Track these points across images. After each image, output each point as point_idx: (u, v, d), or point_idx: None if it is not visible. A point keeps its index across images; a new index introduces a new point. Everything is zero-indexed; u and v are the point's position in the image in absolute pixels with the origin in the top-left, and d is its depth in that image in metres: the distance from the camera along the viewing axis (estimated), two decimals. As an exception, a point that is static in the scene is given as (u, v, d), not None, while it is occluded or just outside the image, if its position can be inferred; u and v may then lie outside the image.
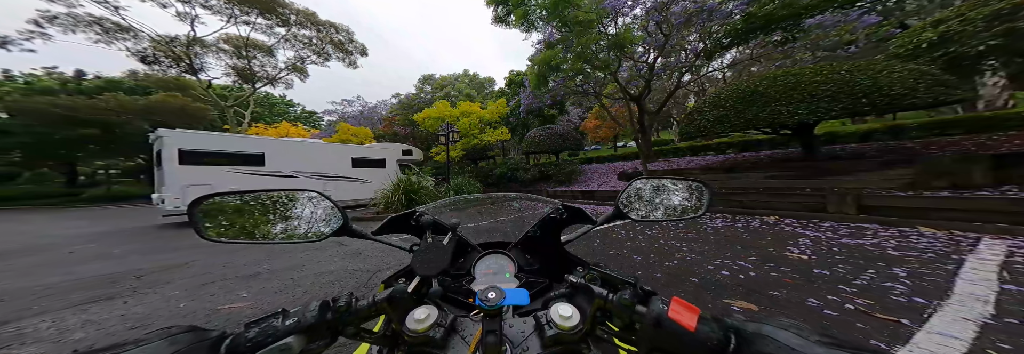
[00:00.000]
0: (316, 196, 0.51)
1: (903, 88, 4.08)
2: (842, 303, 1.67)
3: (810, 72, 4.86)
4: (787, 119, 4.79)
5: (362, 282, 2.42)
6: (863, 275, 2.07)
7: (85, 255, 3.85)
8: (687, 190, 0.64)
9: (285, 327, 0.30)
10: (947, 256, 2.34)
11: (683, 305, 0.29)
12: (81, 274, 2.96)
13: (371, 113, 23.04)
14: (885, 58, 6.01)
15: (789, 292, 1.87)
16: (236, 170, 7.19)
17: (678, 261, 2.60)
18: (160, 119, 16.39)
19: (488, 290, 0.32)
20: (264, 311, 1.96)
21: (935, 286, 1.83)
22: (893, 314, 1.52)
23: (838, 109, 4.42)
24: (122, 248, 4.26)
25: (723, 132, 5.82)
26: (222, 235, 0.47)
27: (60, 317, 1.95)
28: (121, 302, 2.18)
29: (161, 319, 1.89)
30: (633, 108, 9.97)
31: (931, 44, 5.29)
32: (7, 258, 3.83)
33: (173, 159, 6.34)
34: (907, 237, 2.93)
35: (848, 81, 4.41)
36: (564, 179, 10.70)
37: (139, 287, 2.49)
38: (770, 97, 4.99)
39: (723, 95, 5.82)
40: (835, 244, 2.84)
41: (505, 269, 0.59)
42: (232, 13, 17.11)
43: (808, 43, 7.95)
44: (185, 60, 17.69)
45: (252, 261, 3.13)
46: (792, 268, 2.28)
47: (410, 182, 6.72)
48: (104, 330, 1.75)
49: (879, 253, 2.51)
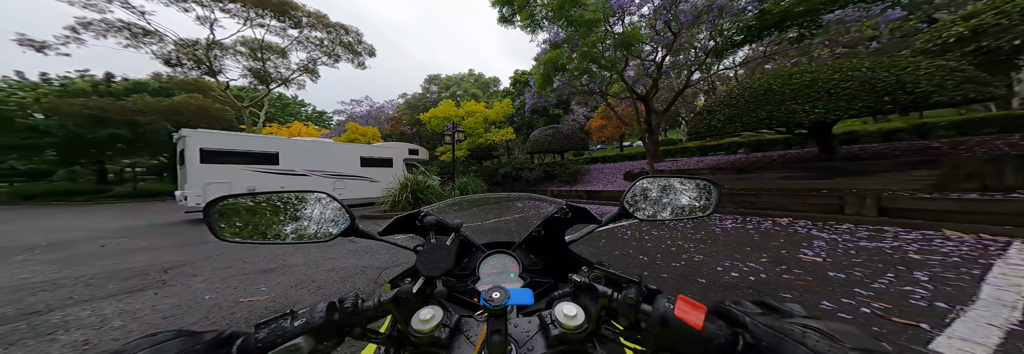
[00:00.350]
0: (325, 197, 0.52)
1: (929, 85, 3.90)
2: (857, 306, 1.63)
3: (828, 69, 4.70)
4: (803, 118, 4.64)
5: (372, 278, 2.49)
6: (881, 279, 2.01)
7: (116, 249, 4.08)
8: (695, 189, 0.63)
9: (294, 328, 0.30)
10: (974, 260, 2.24)
11: (690, 303, 0.28)
12: (114, 266, 3.15)
13: (378, 113, 23.44)
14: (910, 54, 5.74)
15: (801, 294, 1.83)
16: (252, 169, 7.46)
17: (685, 262, 2.57)
18: (182, 119, 17.12)
19: (492, 290, 0.32)
20: (279, 306, 2.05)
21: (959, 291, 1.76)
22: (912, 318, 1.48)
23: (858, 107, 4.26)
24: (149, 242, 4.49)
25: (734, 131, 5.69)
26: (236, 235, 0.48)
27: (99, 306, 2.09)
28: (152, 293, 2.31)
29: (190, 309, 2.00)
30: (640, 107, 9.83)
31: (961, 39, 5.04)
32: (49, 251, 4.10)
33: (195, 158, 6.62)
34: (930, 240, 2.81)
35: (870, 78, 4.24)
36: (569, 179, 10.66)
37: (167, 280, 2.64)
38: (785, 95, 4.85)
39: (735, 93, 5.68)
40: (852, 247, 2.75)
41: (509, 269, 0.59)
42: (248, 16, 17.71)
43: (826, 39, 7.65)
44: (205, 62, 18.40)
45: (268, 257, 3.26)
46: (805, 271, 2.23)
47: (417, 181, 6.82)
48: (139, 319, 1.87)
49: (900, 256, 2.42)
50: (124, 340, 1.57)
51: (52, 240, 4.90)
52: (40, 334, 1.71)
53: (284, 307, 1.98)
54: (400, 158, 10.77)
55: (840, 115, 4.39)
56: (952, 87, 3.85)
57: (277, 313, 0.32)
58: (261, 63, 19.62)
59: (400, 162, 10.69)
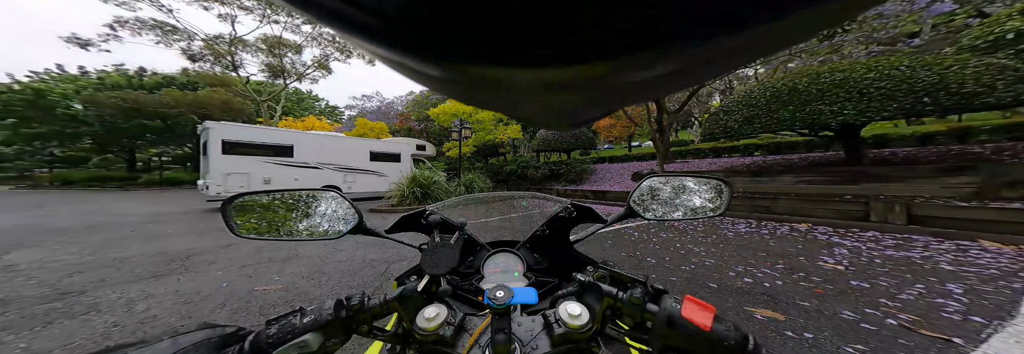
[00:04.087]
0: (335, 195, 0.54)
1: (977, 85, 3.61)
2: (883, 318, 1.55)
3: (862, 68, 4.41)
4: (830, 120, 4.39)
5: (379, 272, 2.54)
6: (910, 289, 1.89)
7: (144, 234, 4.32)
8: (705, 188, 0.60)
9: (303, 325, 0.31)
10: (1014, 273, 2.08)
11: (697, 304, 0.28)
12: (141, 251, 3.34)
13: (388, 108, 23.77)
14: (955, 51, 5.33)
15: (821, 303, 1.75)
16: (269, 160, 7.71)
17: (696, 265, 2.50)
18: (206, 112, 17.88)
19: (496, 289, 0.32)
20: (291, 297, 2.12)
21: (996, 305, 1.64)
22: (944, 332, 1.38)
23: (893, 109, 3.99)
24: (174, 228, 4.74)
25: (752, 133, 5.45)
26: (251, 232, 0.50)
27: (126, 290, 2.21)
28: (175, 279, 2.44)
29: (209, 296, 2.10)
30: (651, 107, 9.58)
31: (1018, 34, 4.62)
32: (86, 234, 4.38)
33: (217, 149, 6.89)
34: (965, 251, 2.63)
35: (908, 78, 3.96)
36: (575, 178, 10.56)
37: (189, 266, 2.77)
38: (811, 95, 4.59)
39: (755, 93, 5.43)
40: (877, 255, 2.60)
41: (514, 268, 0.59)
42: (264, 13, 18.21)
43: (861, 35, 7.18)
44: (227, 57, 19.08)
45: (283, 247, 3.38)
46: (825, 278, 2.13)
47: (424, 176, 6.91)
48: (162, 304, 1.97)
49: (930, 267, 2.28)
50: (149, 325, 1.67)
51: (87, 223, 5.24)
52: (75, 314, 1.83)
53: (296, 297, 2.05)
54: (408, 153, 10.93)
55: (871, 117, 4.13)
56: (1003, 87, 3.55)
57: (288, 308, 0.34)
58: (278, 59, 20.19)
59: (408, 157, 10.86)
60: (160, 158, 26.71)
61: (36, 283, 2.34)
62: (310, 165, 8.41)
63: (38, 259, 3.01)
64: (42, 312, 1.85)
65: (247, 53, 19.92)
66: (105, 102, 17.04)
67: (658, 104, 9.36)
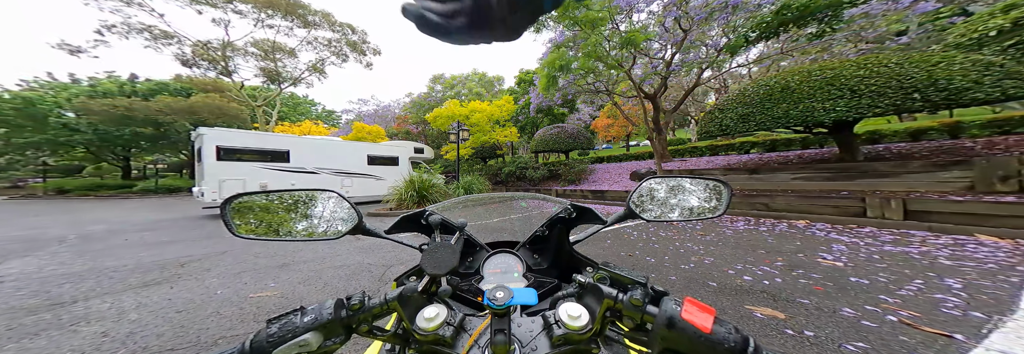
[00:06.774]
0: (334, 196, 0.53)
1: (964, 81, 3.67)
2: (883, 314, 1.54)
3: (852, 65, 4.48)
4: (822, 117, 4.44)
5: (377, 276, 2.51)
6: (908, 285, 1.89)
7: (138, 242, 4.25)
8: (704, 189, 0.61)
9: (304, 324, 0.31)
10: (1012, 267, 2.09)
11: (698, 306, 0.28)
12: (134, 260, 3.28)
13: (385, 112, 23.77)
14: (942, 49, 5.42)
15: (820, 300, 1.75)
16: (265, 166, 7.67)
17: (695, 264, 2.49)
18: (201, 118, 17.78)
19: (496, 289, 0.32)
20: (288, 302, 2.09)
21: (996, 300, 1.65)
22: (944, 328, 1.38)
23: (883, 105, 4.05)
24: (168, 236, 4.67)
25: (748, 131, 5.50)
26: (251, 232, 0.50)
27: (119, 299, 2.17)
28: (168, 287, 2.39)
29: (202, 303, 2.06)
30: (648, 106, 9.63)
31: (1001, 32, 4.71)
32: (80, 244, 4.31)
33: (211, 155, 6.85)
34: (963, 246, 2.65)
35: (897, 74, 4.02)
36: (574, 178, 10.58)
37: (183, 274, 2.72)
38: (803, 93, 4.65)
39: (749, 92, 5.48)
40: (875, 251, 2.61)
41: (513, 268, 0.59)
42: (259, 17, 18.20)
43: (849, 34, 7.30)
44: (220, 62, 19.01)
45: (279, 253, 3.33)
46: (824, 275, 2.13)
47: (422, 179, 6.89)
48: (154, 312, 1.93)
49: (928, 262, 2.29)
50: (140, 334, 1.62)
51: (81, 232, 5.15)
52: (63, 325, 1.78)
53: (291, 303, 2.01)
54: (406, 157, 10.90)
55: (863, 113, 4.18)
56: (990, 83, 3.61)
57: (288, 310, 0.33)
58: (273, 63, 20.15)
59: (406, 161, 10.82)
60: (155, 165, 26.49)
61: (25, 293, 2.29)
62: (307, 170, 8.37)
63: (30, 270, 2.95)
64: (30, 323, 1.80)
65: (241, 58, 19.87)
66: (97, 109, 16.88)
67: (654, 103, 9.42)
